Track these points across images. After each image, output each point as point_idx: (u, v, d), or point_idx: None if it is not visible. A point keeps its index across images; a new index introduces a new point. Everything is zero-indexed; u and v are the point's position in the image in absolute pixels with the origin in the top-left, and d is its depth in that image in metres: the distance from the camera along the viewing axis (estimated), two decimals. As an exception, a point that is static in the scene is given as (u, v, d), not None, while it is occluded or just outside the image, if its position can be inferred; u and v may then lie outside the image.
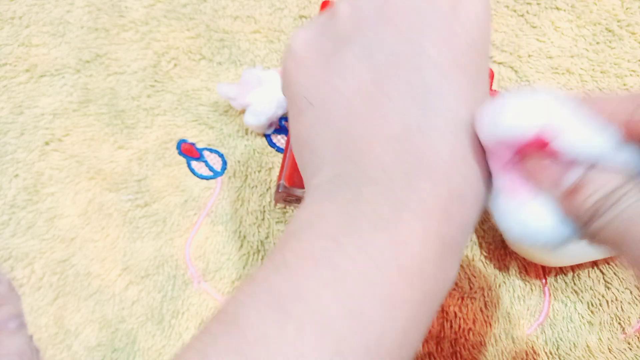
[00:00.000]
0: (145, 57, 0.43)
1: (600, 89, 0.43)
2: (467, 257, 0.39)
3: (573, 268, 0.39)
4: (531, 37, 0.44)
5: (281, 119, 0.42)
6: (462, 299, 0.38)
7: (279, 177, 0.39)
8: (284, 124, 0.42)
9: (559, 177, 0.20)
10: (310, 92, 0.24)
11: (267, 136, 0.42)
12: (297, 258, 0.20)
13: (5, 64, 0.43)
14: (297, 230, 0.21)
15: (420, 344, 0.22)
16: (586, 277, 0.39)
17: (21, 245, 0.39)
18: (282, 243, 0.21)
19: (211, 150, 0.42)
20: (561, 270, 0.39)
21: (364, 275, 0.19)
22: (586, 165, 0.19)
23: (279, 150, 0.42)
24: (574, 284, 0.39)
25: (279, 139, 0.42)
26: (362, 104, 0.22)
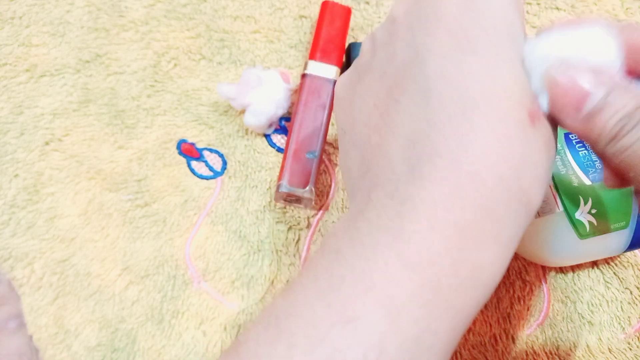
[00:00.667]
0: (145, 57, 0.43)
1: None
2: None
3: (573, 268, 0.39)
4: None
5: (281, 119, 0.42)
6: (462, 299, 0.38)
7: (279, 177, 0.39)
8: (284, 124, 0.42)
9: (581, 101, 0.20)
10: (343, 121, 0.26)
11: (267, 136, 0.42)
12: (299, 276, 0.21)
13: (5, 64, 0.43)
14: (312, 256, 0.22)
15: (453, 346, 0.20)
16: (586, 277, 0.39)
17: (21, 245, 0.39)
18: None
19: (211, 150, 0.41)
20: (561, 270, 0.39)
21: (361, 280, 0.19)
22: (607, 87, 0.20)
23: (279, 150, 0.42)
24: (574, 284, 0.39)
25: (279, 139, 0.42)
26: (378, 115, 0.23)
